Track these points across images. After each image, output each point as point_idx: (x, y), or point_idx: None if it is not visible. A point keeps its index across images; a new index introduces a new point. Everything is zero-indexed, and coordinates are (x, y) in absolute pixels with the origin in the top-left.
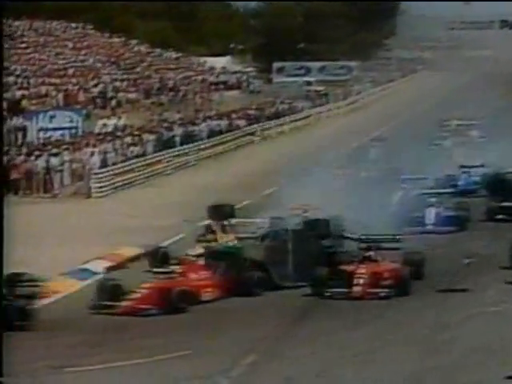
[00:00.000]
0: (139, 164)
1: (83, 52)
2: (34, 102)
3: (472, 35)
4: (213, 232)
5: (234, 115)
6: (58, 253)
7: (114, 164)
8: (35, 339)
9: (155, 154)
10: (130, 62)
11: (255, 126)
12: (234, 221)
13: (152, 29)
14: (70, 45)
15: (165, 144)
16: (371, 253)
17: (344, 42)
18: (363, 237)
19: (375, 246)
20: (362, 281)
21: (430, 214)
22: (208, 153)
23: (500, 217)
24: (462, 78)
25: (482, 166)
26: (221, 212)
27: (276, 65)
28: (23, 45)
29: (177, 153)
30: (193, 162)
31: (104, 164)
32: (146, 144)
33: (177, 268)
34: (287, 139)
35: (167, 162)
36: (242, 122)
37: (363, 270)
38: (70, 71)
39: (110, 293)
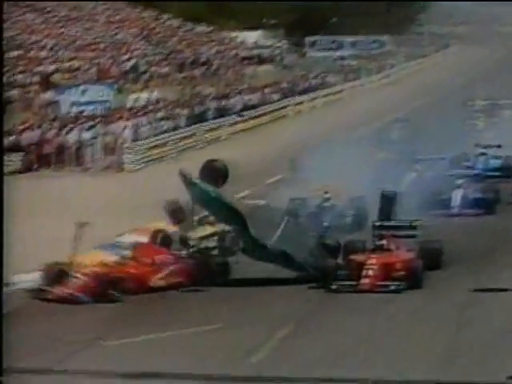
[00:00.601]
0: (171, 138)
1: (115, 26)
2: (66, 76)
3: (505, 11)
4: None
5: (266, 89)
6: (90, 227)
7: (146, 138)
8: (74, 313)
9: (187, 128)
10: (162, 36)
11: (288, 100)
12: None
13: (184, 3)
14: (102, 19)
15: (197, 118)
16: (384, 242)
17: (376, 17)
18: (377, 223)
19: (390, 233)
20: (371, 272)
21: (457, 196)
22: (241, 127)
23: None
24: (495, 54)
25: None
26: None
27: (308, 39)
28: (54, 19)
29: (209, 127)
30: (225, 136)
31: (136, 138)
32: (178, 118)
33: (128, 253)
34: (319, 114)
35: (199, 136)
36: (274, 97)
37: (373, 261)
38: (102, 45)
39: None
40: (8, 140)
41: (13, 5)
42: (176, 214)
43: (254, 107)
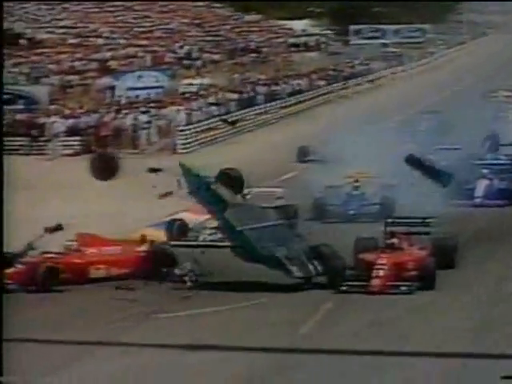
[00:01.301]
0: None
1: (169, 15)
2: (122, 62)
3: None
4: None
5: (313, 75)
6: (145, 205)
7: (197, 122)
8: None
9: (237, 113)
10: (214, 24)
11: (333, 85)
12: (251, 190)
13: None
14: (156, 8)
15: (247, 103)
16: (395, 240)
17: (418, 6)
18: (390, 220)
19: (403, 230)
20: (381, 273)
21: (481, 186)
22: (288, 111)
23: None
24: None
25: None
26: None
27: (353, 27)
28: (111, 8)
29: (258, 111)
30: (273, 119)
31: (189, 121)
32: (228, 103)
33: (72, 244)
34: (362, 99)
35: (249, 119)
36: (321, 82)
37: (384, 261)
38: (157, 33)
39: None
40: (67, 123)
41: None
42: None
43: (301, 92)
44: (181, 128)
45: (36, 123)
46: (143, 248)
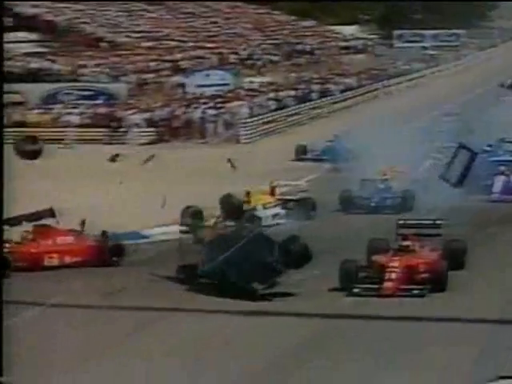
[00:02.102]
0: (280, 115)
1: (233, 21)
2: (191, 62)
3: None
4: (247, 194)
5: (361, 75)
6: (214, 188)
7: (258, 115)
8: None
9: (294, 107)
10: (273, 29)
11: (379, 84)
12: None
13: (291, 1)
14: (223, 15)
15: (302, 98)
16: (407, 242)
17: (454, 13)
18: (401, 222)
19: (415, 232)
20: (394, 275)
21: (498, 182)
22: (339, 106)
23: None
24: None
25: None
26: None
27: (396, 32)
28: (181, 15)
29: (312, 106)
30: (325, 113)
31: (251, 115)
32: (285, 98)
33: (28, 234)
34: (403, 96)
35: (303, 113)
36: (367, 81)
37: (396, 264)
38: (223, 37)
39: None
40: (143, 116)
41: (146, 3)
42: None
43: (350, 89)
44: (244, 121)
45: (115, 116)
46: (95, 239)
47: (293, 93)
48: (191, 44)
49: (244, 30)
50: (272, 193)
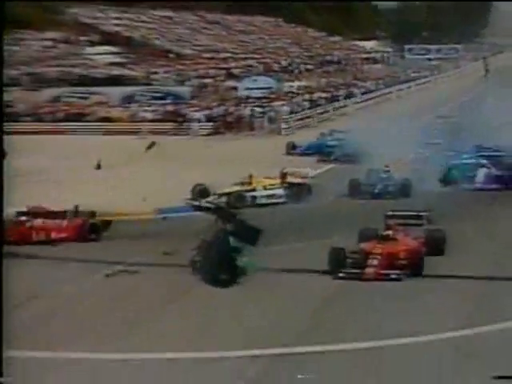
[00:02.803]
0: (313, 113)
1: (276, 37)
2: (242, 70)
3: None
4: (250, 177)
5: (379, 81)
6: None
7: (295, 113)
8: None
9: (324, 106)
10: (308, 43)
11: (392, 88)
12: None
13: (323, 20)
14: (267, 32)
15: (331, 99)
16: (390, 232)
17: (453, 31)
18: (390, 213)
19: (401, 221)
20: (375, 262)
21: (481, 174)
22: (360, 106)
23: None
24: None
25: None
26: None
27: (407, 46)
28: (234, 32)
29: (338, 105)
30: (351, 111)
31: (290, 112)
32: (318, 99)
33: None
34: (412, 98)
35: (332, 111)
36: (383, 85)
37: (379, 251)
38: (268, 49)
39: None
40: (203, 113)
41: (205, 22)
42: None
43: (369, 92)
44: (284, 117)
45: (181, 113)
46: (77, 218)
47: (323, 95)
48: (242, 55)
49: (284, 44)
50: (283, 177)
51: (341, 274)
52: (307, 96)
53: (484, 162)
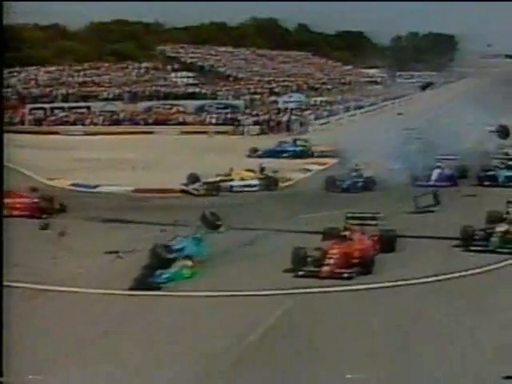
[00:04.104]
0: (332, 119)
1: (306, 65)
2: (281, 89)
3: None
4: (230, 169)
5: (379, 97)
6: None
7: (318, 119)
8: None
9: (340, 115)
10: (328, 70)
11: (388, 103)
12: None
13: (339, 54)
14: (300, 62)
15: (345, 110)
16: (347, 232)
17: (430, 63)
18: (349, 214)
19: (358, 222)
20: (331, 261)
21: (435, 173)
22: (365, 115)
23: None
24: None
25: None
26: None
27: (398, 73)
28: (276, 62)
29: (350, 114)
30: (357, 117)
31: (314, 119)
32: (336, 110)
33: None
34: (401, 108)
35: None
36: (382, 101)
37: (335, 251)
38: (299, 74)
39: None
40: (253, 119)
41: (256, 55)
42: None
43: (372, 105)
44: (310, 122)
45: (237, 119)
46: (35, 199)
47: (340, 107)
48: (281, 78)
49: (311, 71)
50: (261, 171)
51: (301, 272)
52: (327, 107)
53: (439, 164)
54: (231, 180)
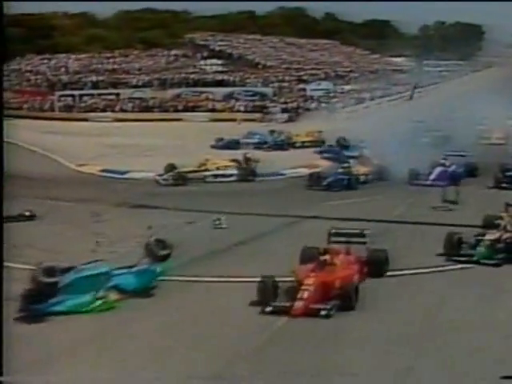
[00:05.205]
0: (359, 108)
1: (334, 54)
2: (309, 77)
3: None
4: (206, 160)
5: (406, 86)
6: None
7: (345, 107)
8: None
9: (366, 103)
10: (356, 59)
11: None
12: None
13: (367, 43)
14: (328, 50)
15: (371, 98)
16: (327, 256)
17: (457, 52)
18: (333, 231)
19: (344, 239)
20: (306, 294)
21: (435, 172)
22: (391, 103)
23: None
24: None
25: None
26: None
27: (426, 62)
28: (305, 49)
29: (376, 102)
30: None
31: (342, 106)
32: (363, 98)
33: None
34: (429, 95)
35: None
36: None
37: (311, 281)
38: (328, 62)
39: None
40: (281, 106)
41: (284, 43)
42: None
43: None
44: (338, 110)
45: (265, 106)
46: None
47: (367, 95)
48: (309, 66)
49: (339, 59)
50: (246, 160)
51: (268, 309)
52: (355, 95)
53: (443, 161)
54: (205, 170)
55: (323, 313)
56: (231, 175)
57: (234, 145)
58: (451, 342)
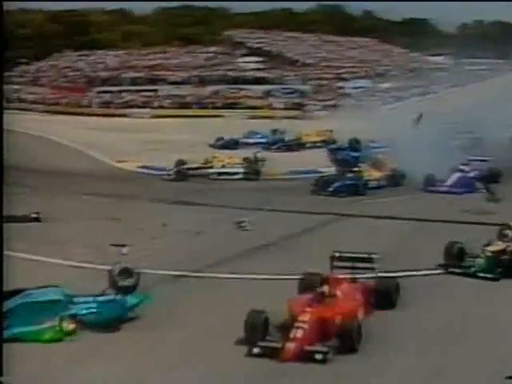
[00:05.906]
0: (399, 104)
1: (373, 52)
2: (348, 74)
3: None
4: (212, 157)
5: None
6: None
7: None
8: None
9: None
10: (395, 57)
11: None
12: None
13: (406, 41)
14: (368, 49)
15: (410, 95)
16: (325, 288)
17: (496, 51)
18: (337, 254)
19: (349, 264)
20: (299, 334)
21: (453, 178)
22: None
23: None
24: None
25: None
26: None
27: (465, 60)
28: (344, 48)
29: (416, 100)
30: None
31: (381, 104)
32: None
33: None
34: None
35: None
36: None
37: (306, 317)
38: (366, 60)
39: None
40: (320, 103)
41: (322, 41)
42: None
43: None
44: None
45: (303, 103)
46: None
47: (405, 94)
48: (348, 64)
49: (378, 57)
50: (255, 160)
51: (255, 350)
52: (394, 93)
53: (463, 167)
54: (210, 167)
55: (318, 357)
56: (235, 174)
57: (232, 144)
58: None
